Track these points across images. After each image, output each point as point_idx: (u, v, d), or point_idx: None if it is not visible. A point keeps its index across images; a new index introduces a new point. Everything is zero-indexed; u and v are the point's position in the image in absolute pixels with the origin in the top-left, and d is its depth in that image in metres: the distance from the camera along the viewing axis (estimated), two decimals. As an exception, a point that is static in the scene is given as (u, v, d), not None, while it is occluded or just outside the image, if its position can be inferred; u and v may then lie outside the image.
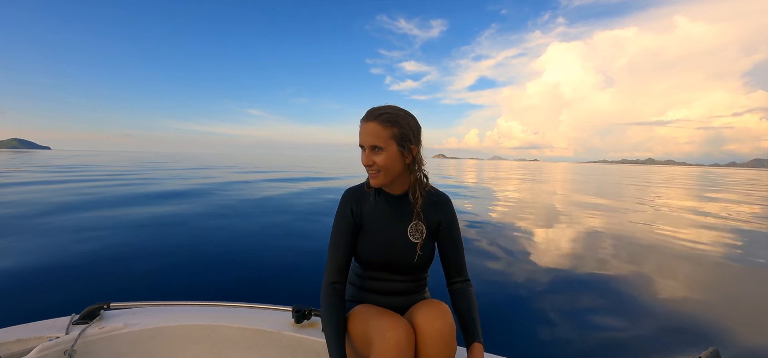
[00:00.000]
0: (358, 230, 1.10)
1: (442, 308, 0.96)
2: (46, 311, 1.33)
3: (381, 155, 1.02)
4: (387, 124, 1.02)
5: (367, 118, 1.03)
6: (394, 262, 1.08)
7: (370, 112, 1.04)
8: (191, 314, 1.35)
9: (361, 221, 1.09)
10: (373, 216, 1.09)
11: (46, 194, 8.46)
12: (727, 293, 3.27)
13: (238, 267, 3.43)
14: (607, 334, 2.33)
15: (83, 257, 3.52)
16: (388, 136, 1.02)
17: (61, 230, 4.66)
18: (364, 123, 1.03)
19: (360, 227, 1.10)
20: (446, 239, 1.13)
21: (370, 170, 1.04)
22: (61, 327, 1.22)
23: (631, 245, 4.91)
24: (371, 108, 1.05)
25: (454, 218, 1.14)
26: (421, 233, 1.08)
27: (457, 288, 1.12)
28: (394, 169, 1.04)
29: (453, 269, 1.13)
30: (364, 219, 1.09)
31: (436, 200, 1.14)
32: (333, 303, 1.02)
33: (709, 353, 0.88)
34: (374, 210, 1.10)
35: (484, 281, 3.23)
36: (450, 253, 1.13)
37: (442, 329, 0.91)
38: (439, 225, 1.13)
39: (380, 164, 1.02)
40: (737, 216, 8.22)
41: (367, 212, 1.10)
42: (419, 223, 1.09)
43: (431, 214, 1.12)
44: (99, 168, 19.72)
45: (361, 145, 1.05)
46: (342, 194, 1.13)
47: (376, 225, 1.09)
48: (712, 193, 15.57)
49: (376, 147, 1.02)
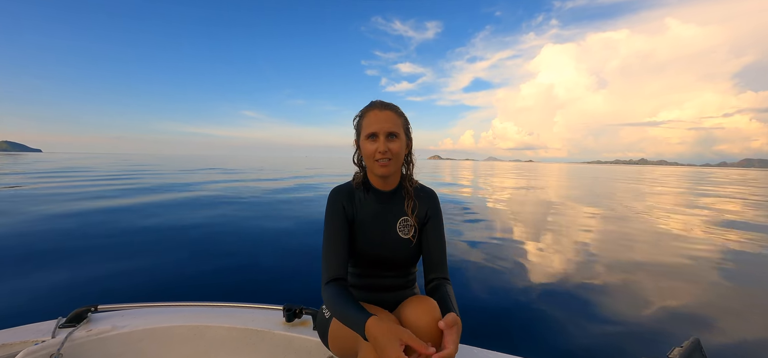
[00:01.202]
0: (350, 226, 1.09)
1: (430, 303, 0.96)
2: (31, 315, 1.31)
3: (396, 143, 1.04)
4: (400, 114, 1.07)
5: (381, 106, 1.05)
6: (384, 258, 1.10)
7: (380, 102, 1.07)
8: (180, 314, 1.33)
9: (353, 218, 1.09)
10: (363, 213, 1.10)
11: (29, 195, 8.33)
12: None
13: (228, 266, 3.41)
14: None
15: (70, 260, 3.47)
16: (401, 124, 1.07)
17: (45, 233, 4.59)
18: (379, 110, 1.04)
19: (351, 224, 1.09)
20: (430, 233, 1.12)
21: (383, 158, 1.02)
22: (47, 331, 1.20)
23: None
24: (376, 100, 1.08)
25: (439, 213, 1.15)
26: (411, 227, 1.10)
27: (434, 285, 1.09)
28: (401, 158, 1.07)
29: (434, 265, 1.11)
30: (355, 216, 1.10)
31: (423, 194, 1.16)
32: (341, 291, 0.97)
33: (690, 343, 0.90)
34: (364, 207, 1.10)
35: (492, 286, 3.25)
36: (433, 247, 1.12)
37: (431, 325, 0.90)
38: (426, 220, 1.13)
39: (394, 151, 1.03)
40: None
41: (357, 209, 1.10)
42: (408, 218, 1.10)
43: (419, 209, 1.13)
44: (87, 170, 19.41)
45: (373, 133, 1.02)
46: (330, 193, 1.11)
47: (367, 222, 1.09)
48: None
49: (393, 134, 1.03)
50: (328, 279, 1.02)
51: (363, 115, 1.07)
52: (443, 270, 1.11)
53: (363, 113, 1.07)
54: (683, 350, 0.88)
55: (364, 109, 1.08)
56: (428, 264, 1.13)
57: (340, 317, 0.94)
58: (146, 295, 2.65)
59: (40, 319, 1.26)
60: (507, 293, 2.96)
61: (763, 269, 3.94)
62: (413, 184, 1.15)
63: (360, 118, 1.08)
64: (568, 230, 5.82)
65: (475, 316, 2.50)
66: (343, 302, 0.93)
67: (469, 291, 2.97)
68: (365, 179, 1.14)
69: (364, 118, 1.06)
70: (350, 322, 0.90)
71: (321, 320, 1.13)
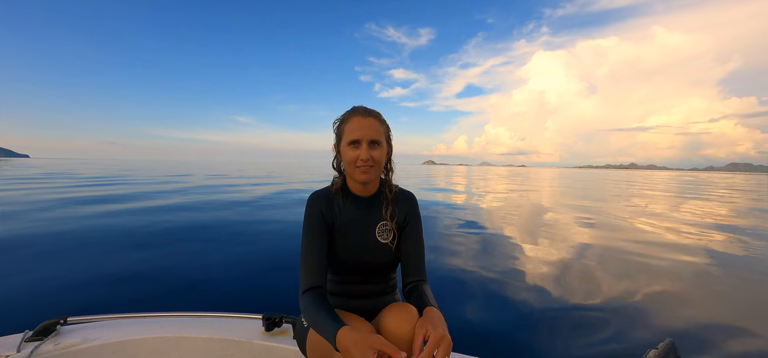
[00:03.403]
0: (330, 232, 1.08)
1: (408, 310, 0.95)
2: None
3: (378, 150, 1.04)
4: (382, 121, 1.08)
5: (365, 113, 1.05)
6: (364, 264, 1.09)
7: (363, 108, 1.06)
8: (155, 326, 1.29)
9: (332, 224, 1.08)
10: (342, 219, 1.09)
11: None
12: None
13: (206, 275, 3.29)
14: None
15: (36, 270, 3.32)
16: (383, 131, 1.07)
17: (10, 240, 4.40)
18: (362, 117, 1.03)
19: (330, 229, 1.08)
20: (409, 236, 1.12)
21: (365, 165, 1.02)
22: (12, 345, 1.15)
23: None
24: (358, 106, 1.07)
25: (418, 216, 1.15)
26: (389, 232, 1.10)
27: (412, 286, 1.08)
28: (382, 165, 1.08)
29: (412, 267, 1.11)
30: (334, 222, 1.08)
31: (402, 198, 1.16)
32: (316, 299, 0.95)
33: (665, 345, 0.90)
34: (343, 213, 1.09)
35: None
36: (411, 249, 1.11)
37: (410, 333, 0.89)
38: (405, 223, 1.13)
39: (377, 159, 1.04)
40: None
41: (336, 215, 1.09)
42: (387, 222, 1.10)
43: (398, 212, 1.12)
44: (70, 175, 18.90)
45: (355, 140, 1.02)
46: (308, 198, 1.10)
47: (346, 227, 1.08)
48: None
49: (375, 141, 1.03)
50: (306, 287, 0.99)
51: (345, 120, 1.06)
52: (421, 273, 1.11)
53: (345, 119, 1.06)
54: (658, 352, 0.88)
55: (345, 115, 1.07)
56: (406, 267, 1.12)
57: (314, 326, 0.92)
58: (118, 306, 2.56)
59: (4, 333, 1.20)
60: (489, 296, 2.96)
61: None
62: (392, 189, 1.15)
63: (341, 123, 1.07)
64: (564, 235, 5.87)
65: (463, 323, 2.48)
66: (317, 311, 0.91)
67: (454, 295, 2.96)
68: (344, 184, 1.12)
69: (347, 124, 1.05)
70: (323, 332, 0.88)
71: (300, 329, 1.10)
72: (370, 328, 0.92)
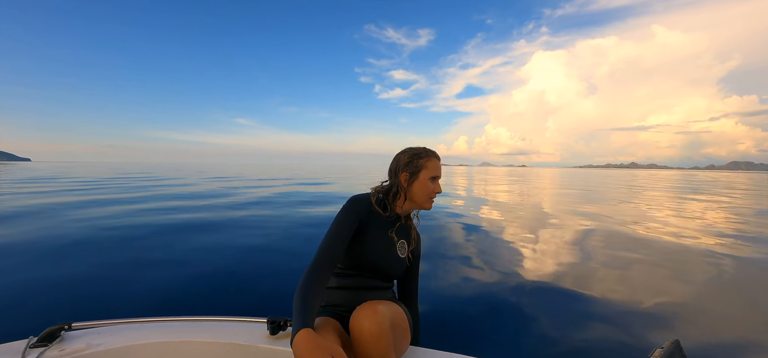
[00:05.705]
0: (359, 234, 1.21)
1: (374, 308, 1.01)
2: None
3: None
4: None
5: (437, 156, 1.31)
6: (382, 269, 1.26)
7: (433, 150, 1.31)
8: (159, 331, 1.29)
9: (365, 228, 1.22)
10: (375, 227, 1.25)
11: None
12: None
13: (209, 280, 3.27)
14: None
15: (40, 276, 3.30)
16: None
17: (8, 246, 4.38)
18: (438, 160, 1.30)
19: (363, 232, 1.22)
20: (414, 266, 1.40)
21: (434, 196, 1.28)
22: (16, 352, 1.15)
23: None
24: (428, 147, 1.31)
25: (420, 250, 1.44)
26: (405, 250, 1.32)
27: (409, 302, 1.39)
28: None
29: (405, 295, 1.39)
30: (368, 227, 1.23)
31: (416, 234, 1.42)
32: (311, 279, 1.01)
33: (670, 344, 0.90)
34: (377, 223, 1.26)
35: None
36: (411, 279, 1.40)
37: (371, 329, 0.97)
38: (415, 252, 1.39)
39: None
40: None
41: (371, 222, 1.24)
42: (407, 244, 1.33)
43: (415, 240, 1.38)
44: (68, 179, 18.93)
45: (435, 177, 1.28)
46: (350, 199, 1.23)
47: (377, 235, 1.25)
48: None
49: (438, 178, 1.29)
50: (311, 269, 1.04)
51: (426, 157, 1.28)
52: (414, 299, 1.42)
53: (425, 156, 1.28)
54: (663, 352, 0.88)
55: (425, 153, 1.29)
56: (402, 292, 1.42)
57: (293, 309, 0.96)
58: (123, 311, 2.56)
59: (9, 339, 1.20)
60: (479, 289, 2.95)
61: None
62: (417, 220, 1.41)
63: (421, 159, 1.28)
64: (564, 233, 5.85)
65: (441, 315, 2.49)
66: (301, 298, 0.96)
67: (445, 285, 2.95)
68: (385, 199, 1.31)
69: (429, 161, 1.28)
70: (294, 320, 0.92)
71: None
72: (336, 326, 1.10)
